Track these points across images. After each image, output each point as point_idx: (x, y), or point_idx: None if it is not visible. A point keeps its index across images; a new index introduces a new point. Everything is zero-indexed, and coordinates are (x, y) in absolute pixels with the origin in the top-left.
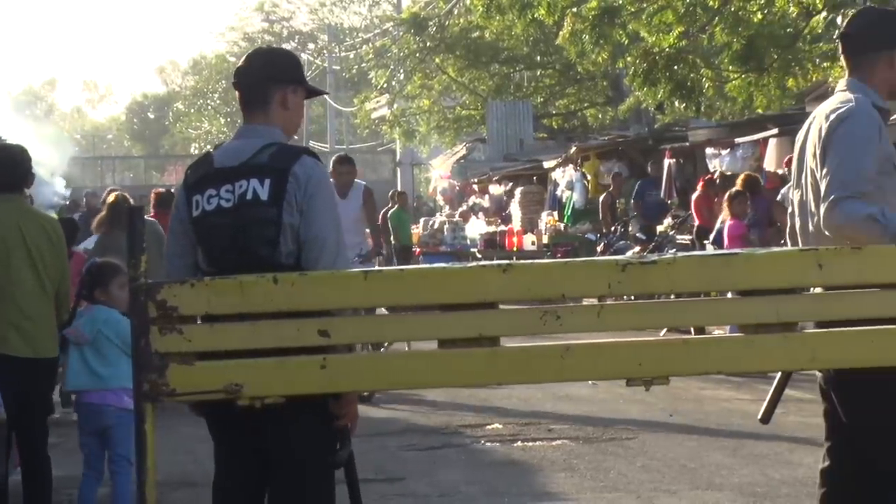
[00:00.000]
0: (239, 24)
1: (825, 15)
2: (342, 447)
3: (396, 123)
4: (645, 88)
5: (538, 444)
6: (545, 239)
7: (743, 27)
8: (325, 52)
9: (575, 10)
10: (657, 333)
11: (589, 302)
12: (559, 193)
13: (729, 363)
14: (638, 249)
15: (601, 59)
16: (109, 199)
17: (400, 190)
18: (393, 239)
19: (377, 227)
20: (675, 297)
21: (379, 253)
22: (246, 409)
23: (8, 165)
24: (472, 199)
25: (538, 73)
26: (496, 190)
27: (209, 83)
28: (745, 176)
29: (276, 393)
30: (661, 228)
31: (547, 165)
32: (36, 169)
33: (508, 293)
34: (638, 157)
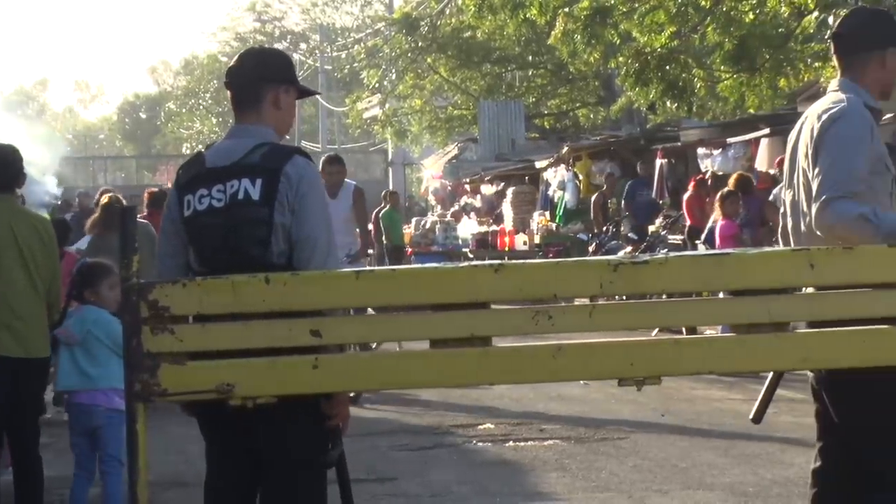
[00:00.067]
0: (231, 23)
1: (817, 15)
2: (334, 447)
3: (388, 123)
4: (637, 88)
5: (530, 444)
6: (537, 239)
7: (735, 27)
8: (316, 51)
9: (567, 9)
10: (649, 333)
11: (581, 302)
12: (551, 193)
13: (721, 363)
14: (630, 249)
15: (593, 58)
16: (103, 200)
17: (392, 190)
18: (385, 239)
19: (367, 227)
20: (666, 297)
21: (367, 253)
22: (238, 408)
23: None
24: (463, 199)
25: (530, 72)
26: (488, 190)
27: (201, 83)
28: (737, 176)
29: (267, 393)
30: (652, 228)
31: (539, 165)
32: (27, 168)
33: (500, 293)
34: (630, 157)
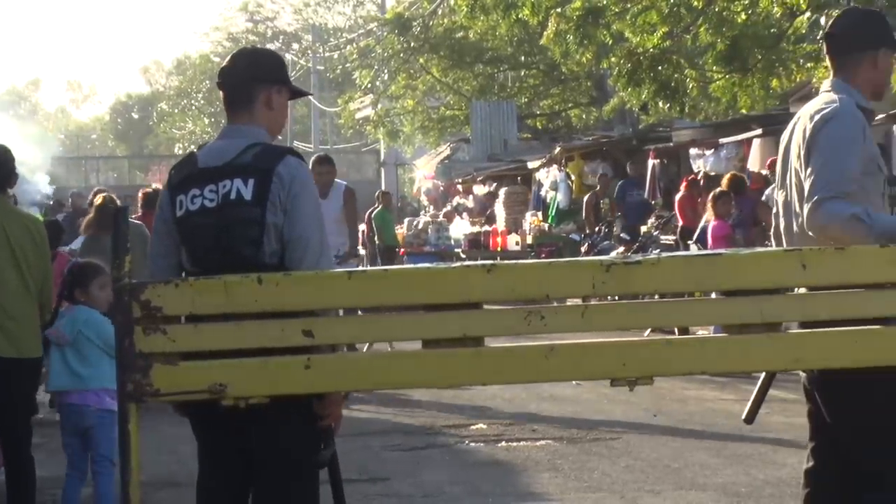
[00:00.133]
0: (223, 24)
1: (809, 15)
2: (326, 447)
3: (380, 123)
4: (629, 89)
5: (522, 444)
6: (529, 239)
7: (727, 27)
8: (309, 52)
9: (559, 10)
10: (641, 334)
11: (573, 302)
12: (543, 194)
13: (713, 363)
14: (622, 250)
15: (585, 59)
16: (97, 200)
17: (384, 190)
18: (377, 239)
19: (357, 227)
20: (659, 297)
21: (356, 254)
22: (230, 409)
23: None
24: (456, 199)
25: (522, 73)
26: (480, 190)
27: (193, 83)
28: (730, 176)
29: (260, 393)
30: (644, 229)
31: (531, 166)
32: (18, 168)
33: (492, 293)
34: (622, 157)
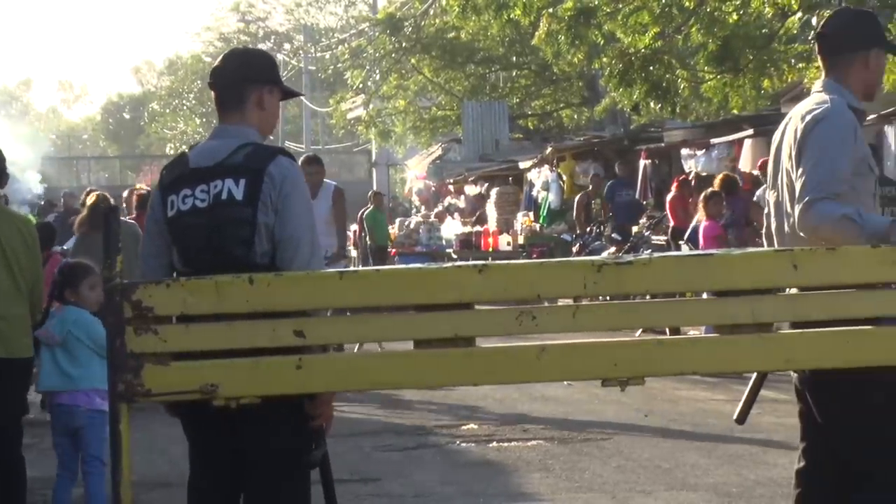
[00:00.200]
0: (215, 24)
1: (800, 16)
2: (317, 447)
3: (372, 124)
4: (620, 89)
5: (513, 444)
6: (521, 239)
7: (718, 28)
8: (300, 52)
9: (551, 10)
10: (632, 334)
11: (564, 302)
12: (535, 194)
13: (704, 364)
14: (613, 250)
15: (577, 59)
16: (90, 199)
17: (376, 190)
18: (368, 239)
19: (345, 228)
20: (650, 297)
21: (344, 255)
22: (221, 409)
23: None
24: (447, 199)
25: (514, 73)
26: (472, 190)
27: (185, 83)
28: (723, 176)
29: (251, 393)
30: (636, 229)
31: (522, 166)
32: (9, 167)
33: (484, 294)
34: (614, 157)
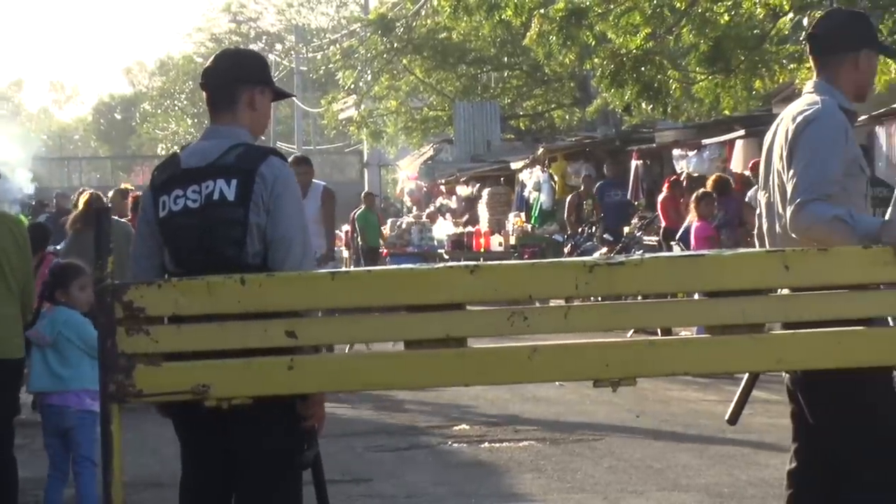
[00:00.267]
0: (206, 24)
1: (792, 16)
2: (309, 448)
3: (364, 124)
4: (612, 90)
5: (505, 445)
6: (512, 240)
7: (710, 29)
8: (292, 52)
9: (542, 11)
10: (624, 334)
11: (556, 303)
12: (526, 195)
13: (696, 364)
14: (605, 251)
15: (568, 60)
16: (84, 197)
17: (368, 191)
18: (360, 240)
19: (333, 229)
20: (642, 298)
21: (332, 257)
22: (213, 409)
23: None
24: (439, 200)
25: (505, 74)
26: (463, 191)
27: (176, 84)
28: (716, 177)
29: (243, 394)
30: (627, 230)
31: (514, 167)
32: (0, 167)
33: (476, 294)
34: (605, 158)
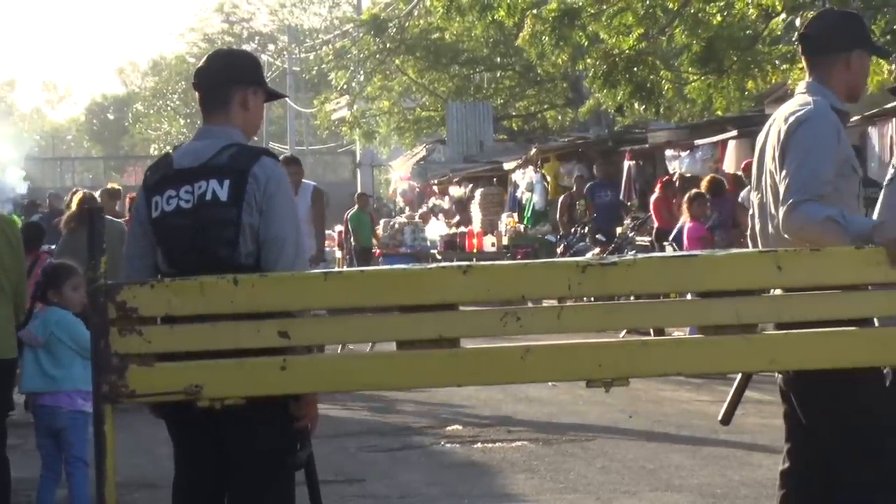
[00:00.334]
0: (199, 24)
1: (784, 17)
2: (302, 448)
3: (356, 125)
4: (605, 90)
5: (498, 445)
6: (505, 240)
7: (702, 29)
8: (285, 53)
9: (535, 11)
10: (617, 335)
11: (549, 303)
12: (519, 195)
13: (689, 364)
14: (598, 251)
15: (561, 60)
16: (77, 197)
17: (361, 192)
18: (353, 240)
19: (323, 229)
20: (634, 298)
21: (322, 258)
22: (206, 410)
23: None
24: (431, 200)
25: (498, 74)
26: (456, 191)
27: (169, 84)
28: (710, 178)
29: (236, 394)
30: (620, 230)
31: (507, 167)
32: None
33: (468, 294)
34: (598, 158)
